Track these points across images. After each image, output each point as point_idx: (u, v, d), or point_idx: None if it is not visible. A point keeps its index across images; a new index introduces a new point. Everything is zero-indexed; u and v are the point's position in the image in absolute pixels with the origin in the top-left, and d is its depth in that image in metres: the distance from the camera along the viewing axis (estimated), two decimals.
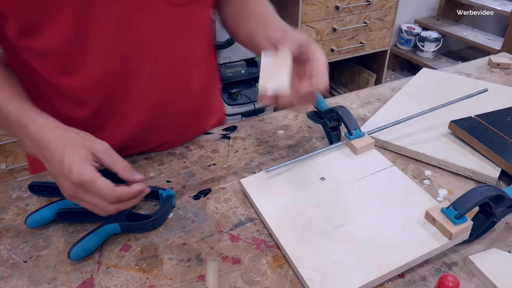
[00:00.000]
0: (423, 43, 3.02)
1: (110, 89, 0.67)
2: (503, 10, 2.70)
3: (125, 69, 0.66)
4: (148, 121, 0.74)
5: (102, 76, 0.65)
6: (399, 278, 0.57)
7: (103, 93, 0.68)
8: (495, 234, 0.63)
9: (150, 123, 0.74)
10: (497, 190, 0.58)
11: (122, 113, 0.71)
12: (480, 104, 0.90)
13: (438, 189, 0.71)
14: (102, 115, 0.71)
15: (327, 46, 2.40)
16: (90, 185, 0.52)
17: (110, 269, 0.58)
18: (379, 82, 2.77)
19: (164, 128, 0.77)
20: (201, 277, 0.56)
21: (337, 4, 2.28)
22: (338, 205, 0.65)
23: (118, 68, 0.65)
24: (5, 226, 0.64)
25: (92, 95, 0.68)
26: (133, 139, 0.75)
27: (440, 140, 0.80)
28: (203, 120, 0.85)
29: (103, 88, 0.67)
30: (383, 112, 0.89)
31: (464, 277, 0.57)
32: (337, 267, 0.55)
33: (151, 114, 0.73)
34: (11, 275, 0.57)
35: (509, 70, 1.11)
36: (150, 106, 0.72)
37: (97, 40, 0.61)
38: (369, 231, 0.60)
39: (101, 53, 0.62)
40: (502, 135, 0.78)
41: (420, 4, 3.15)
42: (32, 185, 0.68)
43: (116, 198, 0.53)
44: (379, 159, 0.74)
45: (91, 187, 0.52)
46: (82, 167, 0.51)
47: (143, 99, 0.70)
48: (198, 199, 0.69)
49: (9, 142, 1.76)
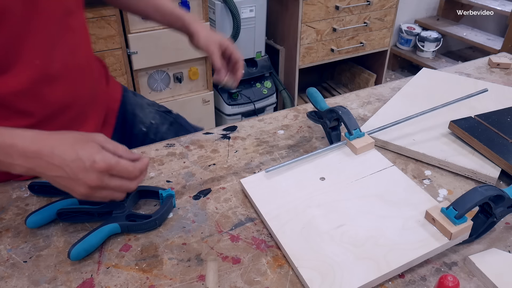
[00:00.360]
0: (423, 43, 3.02)
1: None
2: (503, 10, 2.70)
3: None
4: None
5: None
6: (399, 278, 0.57)
7: None
8: (495, 234, 0.63)
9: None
10: (497, 190, 0.58)
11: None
12: (480, 104, 0.90)
13: (438, 189, 0.71)
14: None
15: (327, 46, 2.40)
16: (116, 167, 0.55)
17: (110, 269, 0.58)
18: (379, 82, 2.77)
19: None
20: (201, 277, 0.56)
21: (337, 4, 2.27)
22: (338, 205, 0.65)
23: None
24: (5, 226, 0.64)
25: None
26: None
27: (440, 140, 0.80)
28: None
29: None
30: (383, 112, 0.89)
31: (464, 277, 0.57)
32: (337, 267, 0.55)
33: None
34: (11, 275, 0.57)
35: (509, 70, 1.11)
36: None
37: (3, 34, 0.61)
38: (369, 231, 0.60)
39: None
40: (502, 135, 0.78)
41: (420, 4, 3.15)
42: (32, 185, 0.68)
43: (139, 171, 0.58)
44: (379, 159, 0.74)
45: (117, 168, 0.55)
46: (103, 154, 0.54)
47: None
48: (198, 199, 0.69)
49: None
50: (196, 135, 0.85)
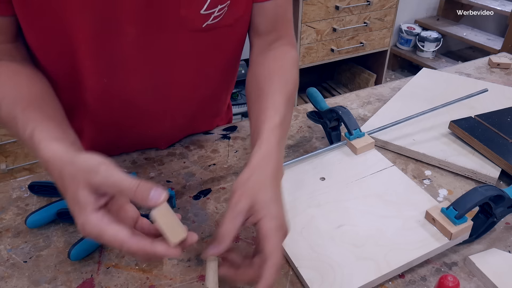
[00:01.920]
0: (423, 43, 3.03)
1: (111, 100, 0.68)
2: (503, 10, 2.70)
3: (130, 84, 0.66)
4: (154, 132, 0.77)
5: (107, 89, 0.65)
6: (399, 278, 0.57)
7: (115, 110, 0.69)
8: (495, 234, 0.63)
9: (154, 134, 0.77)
10: (497, 190, 0.58)
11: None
12: (480, 104, 0.90)
13: (438, 189, 0.71)
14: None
15: (327, 46, 2.40)
16: (99, 239, 0.44)
17: (110, 269, 0.58)
18: (379, 82, 2.77)
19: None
20: (201, 277, 0.56)
21: (337, 4, 2.28)
22: (338, 205, 0.65)
23: (124, 82, 0.65)
24: (5, 226, 0.64)
25: (103, 111, 0.69)
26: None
27: (440, 140, 0.80)
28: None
29: (104, 100, 0.67)
30: (383, 112, 0.89)
31: (464, 277, 0.57)
32: (337, 267, 0.55)
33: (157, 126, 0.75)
34: (11, 275, 0.57)
35: (509, 70, 1.11)
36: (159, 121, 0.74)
37: (108, 55, 0.61)
38: (369, 231, 0.60)
39: (108, 67, 0.62)
40: (502, 135, 0.78)
41: (420, 4, 3.15)
42: (32, 185, 0.68)
43: (129, 254, 0.45)
44: (379, 159, 0.74)
45: (101, 240, 0.44)
46: (84, 219, 0.43)
47: (142, 115, 0.72)
48: (198, 199, 0.69)
49: (9, 142, 1.76)
50: (196, 135, 0.85)
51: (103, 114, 0.71)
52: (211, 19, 0.61)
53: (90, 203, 0.43)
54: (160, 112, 0.72)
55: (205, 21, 0.61)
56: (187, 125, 0.82)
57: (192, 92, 0.72)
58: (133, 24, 0.58)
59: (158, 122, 0.75)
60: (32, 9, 0.55)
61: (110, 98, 0.67)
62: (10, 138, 1.75)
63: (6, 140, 1.75)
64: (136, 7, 0.56)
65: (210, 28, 0.62)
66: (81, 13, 0.55)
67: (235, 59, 0.75)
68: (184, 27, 0.61)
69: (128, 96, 0.67)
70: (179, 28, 0.61)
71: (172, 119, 0.76)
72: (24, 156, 1.83)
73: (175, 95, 0.70)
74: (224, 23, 0.63)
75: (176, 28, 0.61)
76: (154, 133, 0.78)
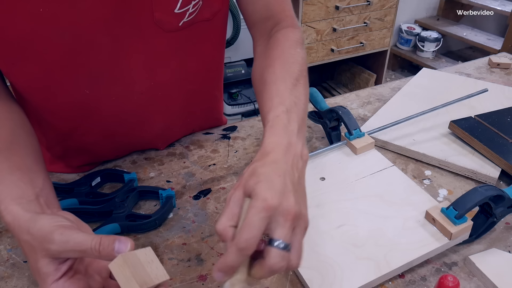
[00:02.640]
0: (423, 43, 3.03)
1: (97, 111, 0.66)
2: (503, 10, 2.70)
3: (113, 92, 0.64)
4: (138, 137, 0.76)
5: (90, 99, 0.64)
6: (399, 278, 0.57)
7: (88, 116, 0.67)
8: (495, 234, 0.63)
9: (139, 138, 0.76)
10: (497, 190, 0.58)
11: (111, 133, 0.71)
12: (480, 104, 0.90)
13: (438, 189, 0.71)
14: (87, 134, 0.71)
15: (327, 46, 2.40)
16: None
17: None
18: (379, 82, 2.77)
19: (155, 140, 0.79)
20: (201, 277, 0.56)
21: (337, 4, 2.28)
22: (338, 205, 0.65)
23: (106, 91, 0.64)
24: (5, 226, 0.64)
25: (76, 118, 0.67)
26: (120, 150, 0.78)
27: (440, 140, 0.80)
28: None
29: (90, 111, 0.66)
30: (383, 112, 0.89)
31: (464, 277, 0.57)
32: (337, 267, 0.55)
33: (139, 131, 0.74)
34: (11, 275, 0.57)
35: (509, 70, 1.11)
36: (141, 125, 0.73)
37: (86, 68, 0.59)
38: (369, 231, 0.60)
39: (88, 79, 0.61)
40: (502, 135, 0.78)
41: (420, 4, 3.15)
42: None
43: None
44: (379, 159, 0.74)
45: None
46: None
47: (133, 120, 0.71)
48: (198, 199, 0.69)
49: None
50: (196, 135, 0.85)
51: (93, 128, 0.70)
52: (187, 16, 0.60)
53: (50, 274, 0.42)
54: (148, 114, 0.71)
55: (180, 19, 0.60)
56: (181, 124, 0.80)
57: (177, 90, 0.71)
58: (105, 34, 0.56)
59: (148, 124, 0.73)
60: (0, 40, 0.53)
61: (96, 109, 0.66)
62: None
63: None
64: (105, 17, 0.55)
65: (187, 25, 0.61)
66: (51, 38, 0.54)
67: (218, 52, 0.73)
68: (160, 29, 0.59)
69: (114, 104, 0.66)
70: (156, 32, 0.59)
71: (163, 119, 0.74)
72: None
73: (160, 96, 0.69)
74: (201, 17, 0.62)
75: (153, 32, 0.59)
76: (149, 136, 0.77)
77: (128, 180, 0.69)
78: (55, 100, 0.63)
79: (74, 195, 0.67)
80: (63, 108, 0.65)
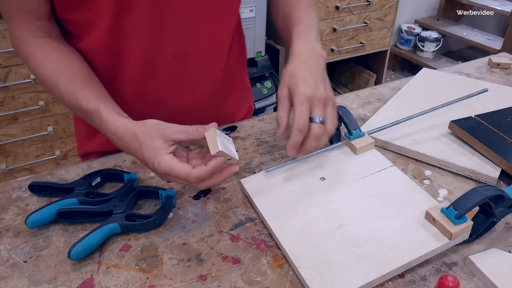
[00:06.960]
0: (423, 43, 3.03)
1: (138, 65, 0.74)
2: (503, 10, 2.70)
3: (151, 48, 0.72)
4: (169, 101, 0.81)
5: (131, 52, 0.72)
6: (399, 278, 0.57)
7: (127, 68, 0.75)
8: (495, 234, 0.63)
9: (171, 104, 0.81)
10: (497, 190, 0.58)
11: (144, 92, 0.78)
12: (480, 104, 0.90)
13: (438, 189, 0.71)
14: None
15: (327, 46, 2.40)
16: (171, 173, 0.58)
17: (110, 269, 0.58)
18: (379, 82, 2.77)
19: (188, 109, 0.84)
20: (201, 277, 0.56)
21: (337, 4, 2.28)
22: (338, 205, 0.65)
23: (146, 46, 0.72)
24: (5, 226, 0.64)
25: (114, 68, 0.75)
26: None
27: (440, 140, 0.80)
28: (226, 100, 0.91)
29: (130, 64, 0.74)
30: (383, 112, 0.89)
31: (464, 277, 0.57)
32: (337, 267, 0.55)
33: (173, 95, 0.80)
34: (11, 275, 0.57)
35: (509, 70, 1.11)
36: (172, 87, 0.79)
37: (132, 17, 0.68)
38: (369, 231, 0.60)
39: (134, 30, 0.69)
40: (502, 135, 0.78)
41: (420, 4, 3.15)
42: (32, 185, 0.68)
43: (196, 179, 0.57)
44: (379, 159, 0.74)
45: (173, 174, 0.58)
46: (160, 159, 0.57)
47: (165, 80, 0.77)
48: (198, 199, 0.69)
49: (9, 142, 1.76)
50: None
51: (129, 81, 0.77)
52: None
53: (164, 148, 0.58)
54: (180, 79, 0.78)
55: None
56: (207, 101, 0.85)
57: (209, 62, 0.79)
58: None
59: (178, 92, 0.80)
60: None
61: (130, 56, 0.73)
62: (10, 138, 1.75)
63: (6, 140, 1.75)
64: None
65: None
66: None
67: (239, 24, 0.85)
68: None
69: (156, 63, 0.74)
70: None
71: (192, 92, 0.81)
72: (24, 156, 1.83)
73: (193, 64, 0.77)
74: None
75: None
76: (176, 106, 0.81)
77: (128, 180, 0.69)
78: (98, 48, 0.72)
79: (74, 195, 0.67)
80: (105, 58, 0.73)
